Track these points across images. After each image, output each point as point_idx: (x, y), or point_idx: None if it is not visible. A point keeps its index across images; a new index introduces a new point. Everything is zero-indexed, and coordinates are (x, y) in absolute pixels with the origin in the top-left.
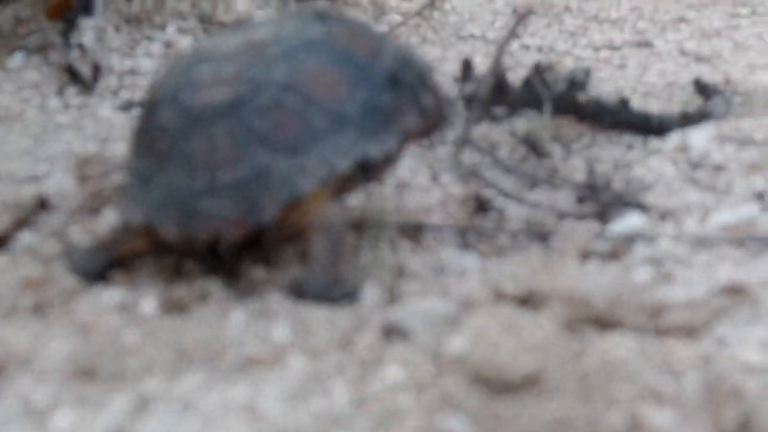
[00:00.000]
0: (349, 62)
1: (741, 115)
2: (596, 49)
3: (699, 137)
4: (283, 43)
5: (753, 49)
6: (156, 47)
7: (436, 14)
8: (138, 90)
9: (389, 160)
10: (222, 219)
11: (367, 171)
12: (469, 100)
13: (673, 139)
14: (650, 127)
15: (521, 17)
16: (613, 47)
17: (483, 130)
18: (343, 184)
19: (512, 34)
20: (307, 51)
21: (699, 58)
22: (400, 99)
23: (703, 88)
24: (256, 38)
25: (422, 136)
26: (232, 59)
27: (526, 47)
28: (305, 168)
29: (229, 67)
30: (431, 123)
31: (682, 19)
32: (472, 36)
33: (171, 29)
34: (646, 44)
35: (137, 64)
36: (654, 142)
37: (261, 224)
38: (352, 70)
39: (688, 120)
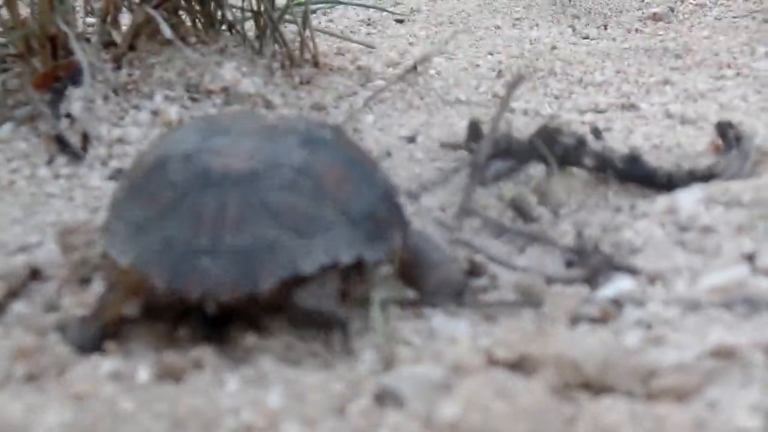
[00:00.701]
0: (355, 165)
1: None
2: (581, 112)
3: (687, 199)
4: (300, 133)
5: (739, 111)
6: (144, 116)
7: (421, 80)
8: (127, 159)
9: (368, 268)
10: (217, 280)
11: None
12: (475, 161)
13: (661, 201)
14: (657, 182)
15: (514, 83)
16: (598, 110)
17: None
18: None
19: (509, 97)
20: (320, 144)
21: (684, 121)
22: (391, 215)
23: (724, 130)
24: (272, 125)
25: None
26: (249, 136)
27: (512, 110)
28: (310, 251)
29: (247, 141)
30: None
31: (666, 82)
32: (458, 100)
33: (158, 98)
34: (631, 107)
35: (126, 133)
36: (642, 205)
37: (256, 294)
38: (357, 173)
39: (696, 177)
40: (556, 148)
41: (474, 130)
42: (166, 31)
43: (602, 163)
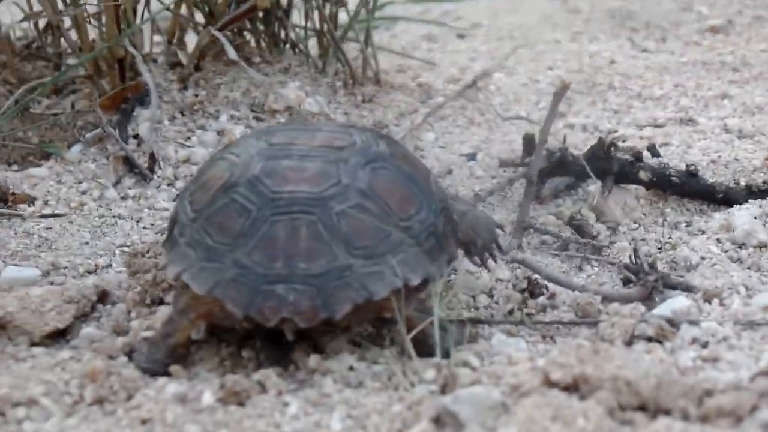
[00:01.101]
0: (413, 182)
1: None
2: (640, 127)
3: (743, 216)
4: (359, 151)
5: None
6: (210, 136)
7: (482, 96)
8: None
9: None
10: (295, 307)
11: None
12: (528, 175)
13: (717, 218)
14: (714, 198)
15: (559, 96)
16: (656, 125)
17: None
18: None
19: (556, 108)
20: (380, 162)
21: (742, 135)
22: (447, 227)
23: None
24: (331, 142)
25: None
26: (312, 157)
27: (571, 126)
28: (382, 276)
29: (311, 163)
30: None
31: (724, 96)
32: (518, 117)
33: (224, 117)
34: (689, 121)
35: (192, 153)
36: (699, 222)
37: (332, 319)
38: (415, 190)
39: (753, 192)
40: (612, 164)
41: (529, 145)
42: (231, 53)
43: (659, 178)
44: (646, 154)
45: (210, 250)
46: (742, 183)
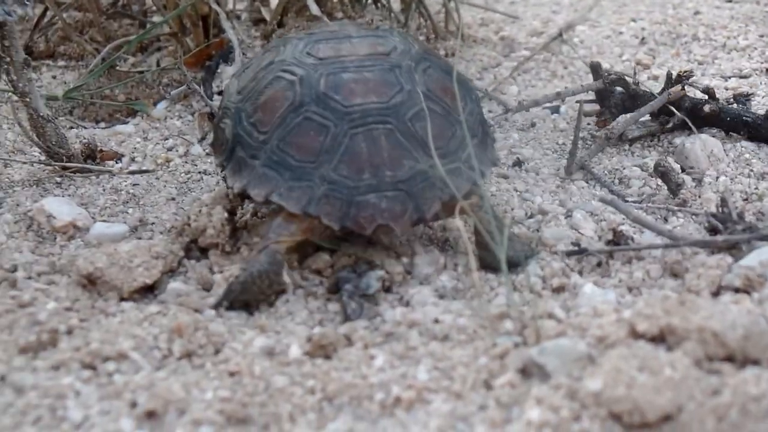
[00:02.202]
0: (451, 76)
1: None
2: (725, 77)
3: None
4: (404, 55)
5: None
6: None
7: (565, 48)
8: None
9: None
10: (390, 214)
11: None
12: (603, 102)
13: None
14: None
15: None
16: (741, 75)
17: (614, 163)
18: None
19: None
20: (426, 63)
21: None
22: (486, 125)
23: None
24: (376, 49)
25: None
26: (368, 68)
27: (655, 77)
28: (460, 172)
29: (370, 74)
30: None
31: None
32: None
33: None
34: None
35: None
36: None
37: (424, 221)
38: (461, 87)
39: None
40: (683, 101)
41: (596, 72)
42: (314, 8)
43: (733, 119)
44: (732, 103)
45: (295, 170)
46: None
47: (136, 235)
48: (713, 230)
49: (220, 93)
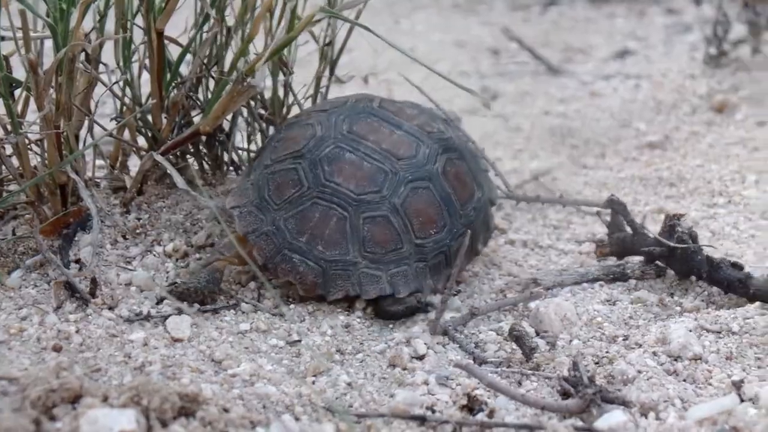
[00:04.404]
0: (447, 204)
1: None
2: (579, 242)
3: (678, 329)
4: (412, 167)
5: (730, 239)
6: (151, 260)
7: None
8: (135, 302)
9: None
10: (300, 278)
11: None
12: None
13: (654, 332)
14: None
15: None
16: (595, 240)
17: (470, 327)
18: None
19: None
20: (425, 183)
21: None
22: (462, 246)
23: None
24: (398, 149)
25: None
26: (372, 158)
27: (512, 242)
28: (378, 280)
29: (368, 164)
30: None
31: (661, 210)
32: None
33: (166, 238)
34: None
35: (134, 276)
36: (635, 336)
37: (324, 298)
38: (445, 213)
39: None
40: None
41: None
42: (179, 181)
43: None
44: None
45: (262, 201)
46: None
47: None
48: (565, 394)
49: (77, 261)
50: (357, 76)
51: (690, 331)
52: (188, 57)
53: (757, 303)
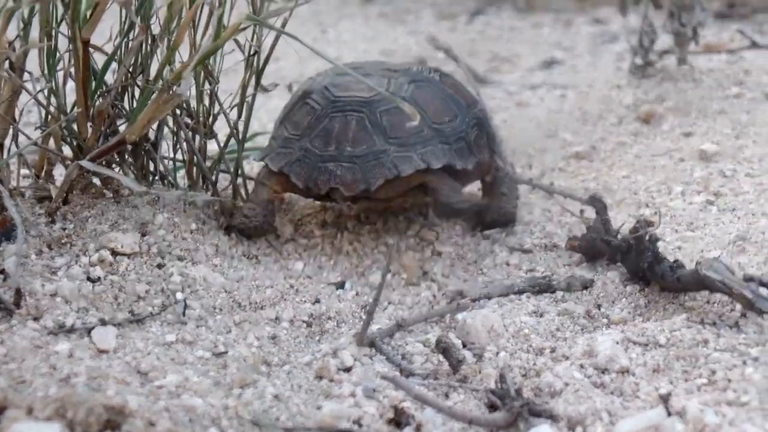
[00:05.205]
0: (452, 101)
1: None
2: (511, 250)
3: (605, 342)
4: (410, 74)
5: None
6: (77, 270)
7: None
8: (60, 313)
9: (462, 177)
10: (340, 180)
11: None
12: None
13: (581, 344)
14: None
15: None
16: (523, 250)
17: (397, 339)
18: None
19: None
20: (426, 83)
21: None
22: (479, 139)
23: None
24: (392, 67)
25: (483, 174)
26: (372, 75)
27: (438, 253)
28: (410, 159)
29: (369, 79)
30: (488, 168)
31: (586, 222)
32: None
33: (91, 248)
34: (554, 247)
35: (59, 287)
36: (562, 348)
37: (366, 191)
38: (453, 106)
39: None
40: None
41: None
42: (125, 181)
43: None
44: None
45: (285, 140)
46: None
47: None
48: (492, 406)
49: (1, 272)
50: (282, 84)
51: (617, 343)
52: (114, 65)
53: (684, 315)
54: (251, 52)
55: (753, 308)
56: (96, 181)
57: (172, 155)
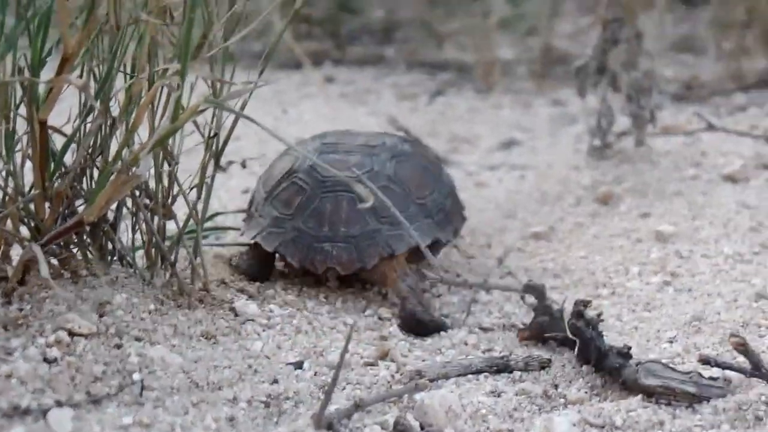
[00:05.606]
0: (427, 172)
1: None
2: (470, 331)
3: (563, 423)
4: (388, 149)
5: (614, 330)
6: (33, 351)
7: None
8: (15, 394)
9: (441, 246)
10: (336, 259)
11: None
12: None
13: (538, 426)
14: None
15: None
16: (482, 327)
17: (354, 420)
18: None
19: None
20: (404, 157)
21: None
22: (453, 207)
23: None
24: (368, 142)
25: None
26: (354, 152)
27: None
28: (402, 237)
29: (352, 157)
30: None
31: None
32: None
33: (48, 329)
34: (512, 327)
35: (15, 368)
36: (520, 429)
37: (363, 269)
38: (430, 178)
39: None
40: None
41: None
42: (44, 271)
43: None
44: None
45: (276, 219)
46: None
47: None
48: None
49: None
50: (236, 163)
51: (574, 425)
52: (73, 146)
53: (640, 396)
54: (210, 135)
55: (700, 400)
56: (54, 261)
57: (131, 236)
